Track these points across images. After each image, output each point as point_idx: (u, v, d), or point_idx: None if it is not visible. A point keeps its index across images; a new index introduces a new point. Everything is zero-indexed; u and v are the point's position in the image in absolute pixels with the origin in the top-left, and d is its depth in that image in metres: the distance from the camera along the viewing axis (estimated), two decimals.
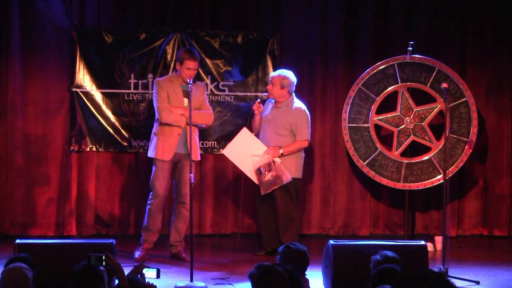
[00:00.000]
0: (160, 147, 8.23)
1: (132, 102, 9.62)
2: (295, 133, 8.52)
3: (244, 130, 8.57)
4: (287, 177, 8.40)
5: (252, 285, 4.55)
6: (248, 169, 8.47)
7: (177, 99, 8.22)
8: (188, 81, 7.95)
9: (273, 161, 8.37)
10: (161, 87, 8.23)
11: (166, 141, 8.21)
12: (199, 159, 8.59)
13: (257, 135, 8.65)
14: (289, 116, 8.52)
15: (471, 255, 8.88)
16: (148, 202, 8.37)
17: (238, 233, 9.19)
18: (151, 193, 8.34)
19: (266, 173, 8.35)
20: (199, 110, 8.26)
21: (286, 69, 8.72)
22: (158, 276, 5.72)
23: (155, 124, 8.36)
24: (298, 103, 8.60)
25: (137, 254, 8.30)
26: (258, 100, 8.72)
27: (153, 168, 8.34)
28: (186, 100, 8.20)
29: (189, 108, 7.87)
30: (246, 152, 8.44)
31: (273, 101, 8.66)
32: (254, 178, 8.47)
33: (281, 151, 8.43)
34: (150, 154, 8.36)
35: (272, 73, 8.79)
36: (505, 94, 9.99)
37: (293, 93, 8.64)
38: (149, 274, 5.61)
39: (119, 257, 6.68)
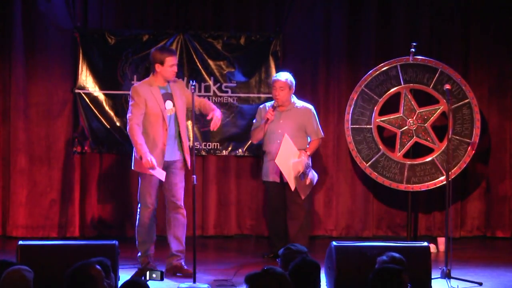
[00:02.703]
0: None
1: None
2: (309, 133, 8.50)
3: (286, 136, 8.32)
4: (316, 178, 8.46)
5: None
6: (290, 175, 8.32)
7: (157, 103, 7.54)
8: (191, 82, 7.46)
9: (308, 164, 8.34)
10: (138, 94, 7.53)
11: (152, 155, 7.43)
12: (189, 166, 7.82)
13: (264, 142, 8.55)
14: (300, 116, 8.50)
15: (474, 257, 8.88)
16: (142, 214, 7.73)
17: (253, 236, 9.20)
18: (140, 204, 7.69)
19: (307, 176, 8.31)
20: (188, 109, 7.74)
21: (288, 70, 8.71)
22: (162, 279, 5.73)
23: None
24: (301, 102, 8.59)
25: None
26: (271, 107, 8.45)
27: (141, 179, 7.66)
28: (169, 102, 7.64)
29: (178, 110, 7.67)
30: (287, 158, 8.30)
31: (269, 107, 8.48)
32: (292, 184, 8.32)
33: (308, 153, 8.41)
34: (136, 167, 7.63)
35: (277, 78, 8.50)
36: (508, 95, 9.98)
37: (293, 95, 8.61)
38: (153, 276, 5.62)
39: (122, 259, 6.68)
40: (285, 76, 8.48)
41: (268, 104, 8.62)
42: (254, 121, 8.71)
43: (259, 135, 8.54)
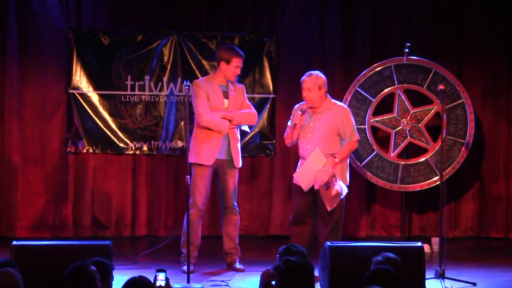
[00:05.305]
0: (201, 151, 7.70)
1: (129, 104, 9.62)
2: (343, 135, 7.66)
3: (318, 150, 7.54)
4: (345, 189, 7.59)
5: (277, 280, 4.60)
6: (307, 183, 7.54)
7: (217, 100, 7.80)
8: (184, 82, 7.49)
9: (334, 174, 7.49)
10: (200, 88, 7.79)
11: (207, 145, 7.73)
12: (241, 165, 7.94)
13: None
14: (334, 118, 7.65)
15: (467, 257, 8.88)
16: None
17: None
18: (190, 201, 7.62)
19: (332, 186, 7.47)
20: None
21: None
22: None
23: (194, 128, 7.89)
24: (337, 103, 7.83)
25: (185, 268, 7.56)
26: (300, 111, 7.65)
27: (193, 174, 7.73)
28: (226, 101, 7.84)
29: (229, 109, 7.81)
30: (310, 170, 7.54)
31: (296, 107, 7.84)
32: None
33: (336, 160, 7.57)
34: (190, 159, 7.70)
35: (304, 78, 7.72)
36: (502, 95, 10.00)
37: (328, 94, 7.83)
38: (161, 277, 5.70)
39: (115, 259, 6.67)
40: (312, 75, 7.69)
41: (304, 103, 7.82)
42: (288, 123, 7.87)
43: (289, 139, 7.79)
